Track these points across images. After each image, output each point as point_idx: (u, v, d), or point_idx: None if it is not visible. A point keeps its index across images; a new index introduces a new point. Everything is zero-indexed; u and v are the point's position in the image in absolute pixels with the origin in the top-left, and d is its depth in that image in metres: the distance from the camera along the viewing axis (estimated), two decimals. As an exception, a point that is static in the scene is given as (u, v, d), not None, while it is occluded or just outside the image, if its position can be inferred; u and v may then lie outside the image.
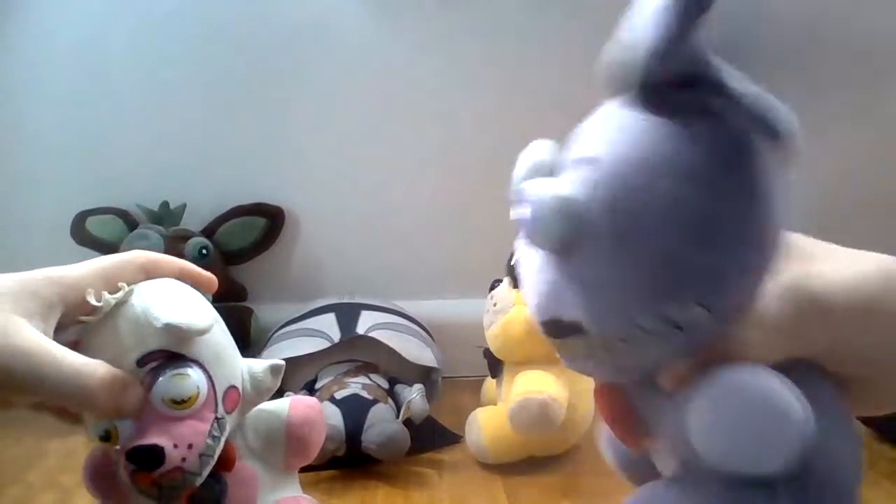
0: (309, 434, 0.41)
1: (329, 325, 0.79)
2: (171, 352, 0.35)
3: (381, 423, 0.66)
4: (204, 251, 0.86)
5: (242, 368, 0.39)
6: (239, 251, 0.92)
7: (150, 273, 0.38)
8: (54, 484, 0.64)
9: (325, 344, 0.76)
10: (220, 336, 0.38)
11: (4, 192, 0.93)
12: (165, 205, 0.90)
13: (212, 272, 0.41)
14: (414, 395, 0.69)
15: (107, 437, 0.34)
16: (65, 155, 0.93)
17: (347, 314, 0.81)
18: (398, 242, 0.96)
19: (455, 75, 0.91)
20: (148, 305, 0.34)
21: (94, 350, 0.34)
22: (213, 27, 0.90)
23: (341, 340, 0.77)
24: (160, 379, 0.34)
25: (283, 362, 0.40)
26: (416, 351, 0.78)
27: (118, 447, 0.34)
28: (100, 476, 0.38)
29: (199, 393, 0.35)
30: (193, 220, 0.91)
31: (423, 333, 0.84)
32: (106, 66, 0.91)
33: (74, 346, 0.34)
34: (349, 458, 0.66)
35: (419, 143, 0.93)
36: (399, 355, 0.76)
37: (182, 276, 0.39)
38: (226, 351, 0.38)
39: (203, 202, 0.92)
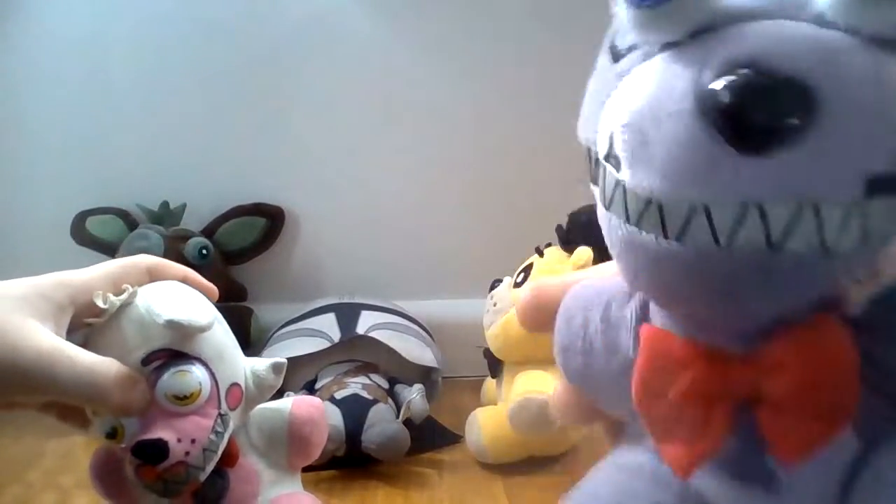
0: (311, 434, 0.42)
1: (329, 325, 0.79)
2: (175, 350, 0.36)
3: (381, 423, 0.66)
4: (204, 251, 0.86)
5: (245, 366, 0.40)
6: (239, 251, 0.92)
7: (154, 276, 0.39)
8: (54, 484, 0.64)
9: (325, 344, 0.76)
10: (222, 335, 0.38)
11: (4, 192, 0.93)
12: (165, 205, 0.90)
13: (212, 272, 0.41)
14: (414, 395, 0.69)
15: (113, 434, 0.35)
16: (65, 155, 0.93)
17: (347, 314, 0.81)
18: (398, 242, 0.95)
19: (455, 75, 0.91)
20: (151, 304, 0.35)
21: (101, 350, 0.35)
22: (213, 27, 0.90)
23: (341, 340, 0.76)
24: (164, 376, 0.35)
25: (284, 360, 0.41)
26: (416, 351, 0.78)
27: (123, 445, 0.35)
28: (106, 474, 0.39)
29: (201, 389, 0.36)
30: (193, 220, 0.91)
31: (423, 333, 0.84)
32: (106, 66, 0.91)
33: (82, 347, 0.35)
34: (349, 458, 0.66)
35: (419, 143, 0.93)
36: (399, 355, 0.76)
37: (185, 283, 0.40)
38: (228, 349, 0.39)
39: (203, 202, 0.92)
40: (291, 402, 0.42)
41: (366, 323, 0.79)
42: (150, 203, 0.90)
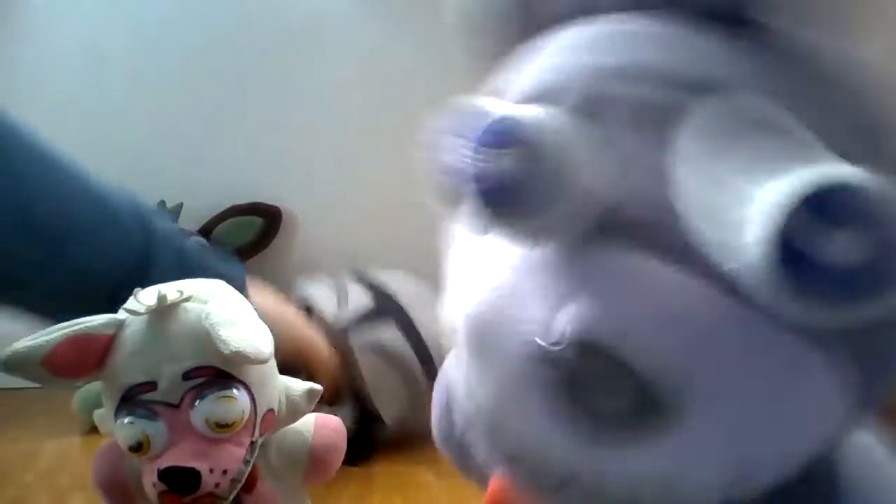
0: (332, 459, 0.40)
1: (327, 324, 0.79)
2: (221, 370, 0.33)
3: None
4: (201, 251, 0.85)
5: (280, 389, 0.37)
6: (236, 251, 0.92)
7: None
8: (50, 485, 0.64)
9: (322, 343, 0.76)
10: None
11: (0, 192, 0.93)
12: (162, 204, 0.90)
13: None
14: (412, 394, 0.69)
15: (138, 447, 0.33)
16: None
17: (345, 313, 0.81)
18: (397, 242, 0.95)
19: (454, 75, 0.91)
20: (214, 322, 0.32)
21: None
22: (210, 27, 0.90)
23: (339, 340, 0.76)
24: (206, 398, 0.33)
25: (320, 387, 0.39)
26: (415, 350, 0.78)
27: (147, 456, 0.33)
28: (111, 485, 0.37)
29: (243, 418, 0.33)
30: (190, 220, 0.91)
31: (422, 333, 0.84)
32: (103, 67, 0.91)
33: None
34: (348, 457, 0.65)
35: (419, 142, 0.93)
36: (397, 354, 0.76)
37: None
38: (270, 372, 0.36)
39: (200, 202, 0.92)
40: (314, 426, 0.40)
41: (364, 322, 0.79)
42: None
